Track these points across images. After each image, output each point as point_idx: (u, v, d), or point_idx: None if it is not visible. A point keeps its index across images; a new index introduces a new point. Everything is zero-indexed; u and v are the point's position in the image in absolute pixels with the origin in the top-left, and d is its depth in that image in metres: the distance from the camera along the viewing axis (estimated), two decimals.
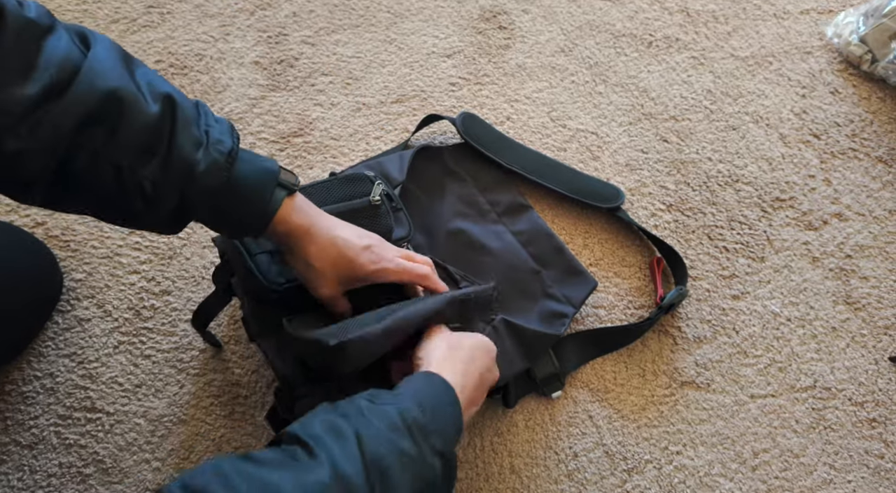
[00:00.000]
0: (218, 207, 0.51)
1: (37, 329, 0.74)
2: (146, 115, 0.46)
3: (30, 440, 0.69)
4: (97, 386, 0.72)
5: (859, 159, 0.89)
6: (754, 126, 0.91)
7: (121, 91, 0.45)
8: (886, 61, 0.90)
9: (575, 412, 0.73)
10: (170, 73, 0.90)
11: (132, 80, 0.46)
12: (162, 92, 0.47)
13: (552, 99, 0.92)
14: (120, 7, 0.95)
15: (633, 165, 0.88)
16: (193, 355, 0.74)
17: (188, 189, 0.48)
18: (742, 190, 0.86)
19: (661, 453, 0.71)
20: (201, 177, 0.48)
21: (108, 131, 0.45)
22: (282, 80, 0.91)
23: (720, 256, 0.82)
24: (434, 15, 0.98)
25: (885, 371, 0.77)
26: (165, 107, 0.47)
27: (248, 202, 0.52)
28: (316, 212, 0.57)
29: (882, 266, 0.83)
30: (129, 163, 0.46)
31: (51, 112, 0.42)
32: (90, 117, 0.44)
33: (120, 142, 0.45)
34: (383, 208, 0.67)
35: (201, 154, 0.48)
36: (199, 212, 0.51)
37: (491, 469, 0.70)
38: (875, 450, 0.73)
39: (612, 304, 0.79)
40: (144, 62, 0.90)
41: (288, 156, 0.86)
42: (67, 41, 0.44)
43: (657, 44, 0.97)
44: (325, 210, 0.59)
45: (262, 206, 0.52)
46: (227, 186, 0.50)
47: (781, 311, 0.79)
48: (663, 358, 0.76)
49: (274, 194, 0.52)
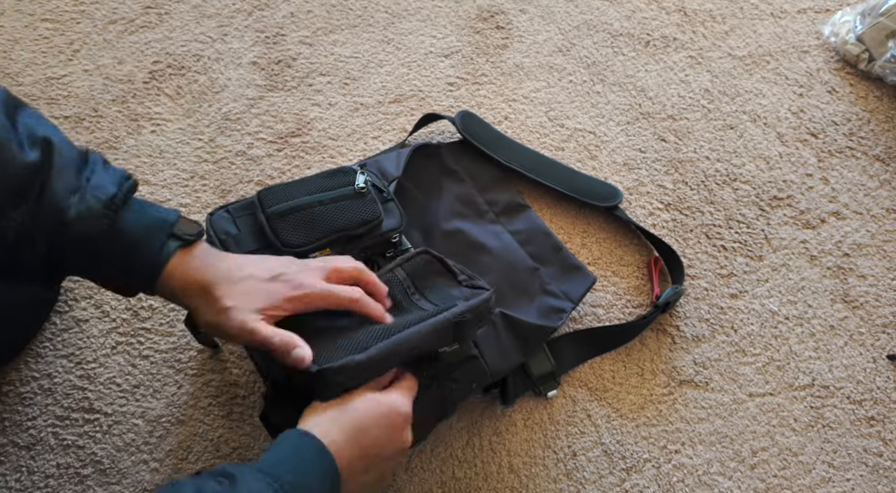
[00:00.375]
0: (96, 256, 0.48)
1: (34, 330, 0.73)
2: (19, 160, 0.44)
3: (27, 441, 0.69)
4: (95, 387, 0.72)
5: (857, 158, 0.89)
6: (752, 125, 0.91)
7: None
8: (883, 60, 0.91)
9: (574, 411, 0.73)
10: (167, 73, 0.90)
11: (11, 127, 0.44)
12: (41, 136, 0.46)
13: (550, 98, 0.92)
14: (118, 8, 0.95)
15: (631, 165, 0.88)
16: (191, 355, 0.74)
17: (58, 237, 0.46)
18: (740, 189, 0.87)
19: (659, 451, 0.71)
20: (73, 223, 0.46)
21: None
22: (279, 80, 0.91)
23: (718, 254, 0.82)
24: (432, 15, 0.98)
25: (882, 369, 0.77)
26: (44, 152, 0.45)
27: (131, 252, 0.49)
28: (217, 259, 0.53)
29: (880, 264, 0.83)
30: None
31: None
32: None
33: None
34: (369, 196, 0.66)
35: (74, 200, 0.46)
36: (73, 261, 0.48)
37: (490, 469, 0.70)
38: (873, 448, 0.73)
39: (610, 303, 0.79)
40: (142, 64, 0.90)
41: (286, 156, 0.86)
42: None
43: (655, 43, 0.97)
44: (306, 200, 0.57)
45: (150, 258, 0.49)
46: (107, 234, 0.47)
47: (780, 309, 0.79)
48: (662, 357, 0.76)
49: (165, 246, 0.49)
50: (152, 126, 0.87)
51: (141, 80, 0.90)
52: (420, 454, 0.70)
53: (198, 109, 0.88)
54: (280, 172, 0.85)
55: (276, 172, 0.84)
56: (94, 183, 0.47)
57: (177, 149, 0.85)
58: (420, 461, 0.69)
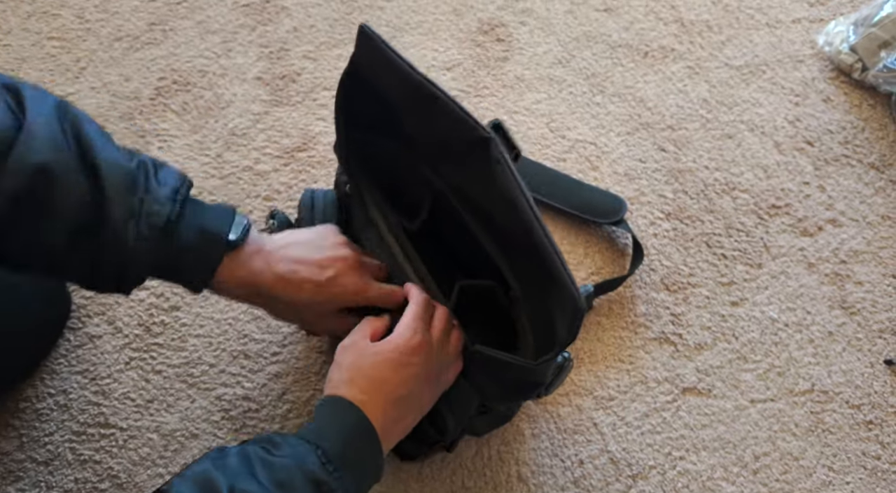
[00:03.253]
0: (158, 269, 0.50)
1: (49, 347, 0.75)
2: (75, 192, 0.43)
3: (45, 457, 0.70)
4: (110, 402, 0.73)
5: (852, 166, 0.91)
6: (749, 134, 0.93)
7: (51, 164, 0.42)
8: (876, 70, 0.92)
9: (580, 419, 0.74)
10: (173, 89, 0.91)
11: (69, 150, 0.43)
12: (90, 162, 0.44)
13: (551, 110, 0.94)
14: (122, 25, 0.96)
15: (631, 175, 0.89)
16: (203, 369, 0.75)
17: (122, 267, 0.47)
18: (739, 198, 0.88)
19: (664, 458, 0.73)
20: (132, 251, 0.46)
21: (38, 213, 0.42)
22: (284, 95, 0.92)
23: (719, 263, 0.84)
24: (433, 28, 0.99)
25: (880, 374, 0.79)
26: (91, 178, 0.44)
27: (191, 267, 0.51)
28: (262, 257, 0.54)
29: (876, 271, 0.85)
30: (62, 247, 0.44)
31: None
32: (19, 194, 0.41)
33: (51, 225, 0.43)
34: None
35: (131, 228, 0.46)
36: (137, 277, 0.50)
37: (499, 478, 0.71)
38: (872, 451, 0.75)
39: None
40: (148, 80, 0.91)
41: (292, 170, 0.87)
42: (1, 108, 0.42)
43: (653, 54, 0.99)
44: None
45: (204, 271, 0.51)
46: (165, 253, 0.48)
47: (779, 316, 0.81)
48: (665, 365, 0.78)
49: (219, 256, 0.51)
50: (159, 142, 0.88)
51: (147, 96, 0.91)
52: (431, 464, 0.71)
53: (204, 125, 0.89)
54: (287, 187, 0.86)
55: (283, 186, 0.86)
56: (148, 207, 0.46)
57: (184, 165, 0.87)
58: (431, 470, 0.71)
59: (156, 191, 0.47)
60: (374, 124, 0.59)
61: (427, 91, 0.50)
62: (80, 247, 0.45)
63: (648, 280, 0.82)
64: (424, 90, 0.50)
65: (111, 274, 0.47)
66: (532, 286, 0.55)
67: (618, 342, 0.79)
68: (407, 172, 0.61)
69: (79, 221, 0.44)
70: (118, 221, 0.45)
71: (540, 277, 0.49)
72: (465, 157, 0.51)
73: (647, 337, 0.79)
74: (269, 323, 0.77)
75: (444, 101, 0.50)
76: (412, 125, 0.56)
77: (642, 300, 0.81)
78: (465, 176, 0.55)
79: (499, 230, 0.55)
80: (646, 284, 0.82)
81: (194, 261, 0.50)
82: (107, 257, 0.46)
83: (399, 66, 0.51)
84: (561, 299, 0.48)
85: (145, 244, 0.47)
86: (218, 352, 0.76)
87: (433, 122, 0.52)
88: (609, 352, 0.78)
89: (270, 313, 0.60)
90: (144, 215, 0.46)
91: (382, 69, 0.53)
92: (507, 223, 0.52)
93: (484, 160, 0.49)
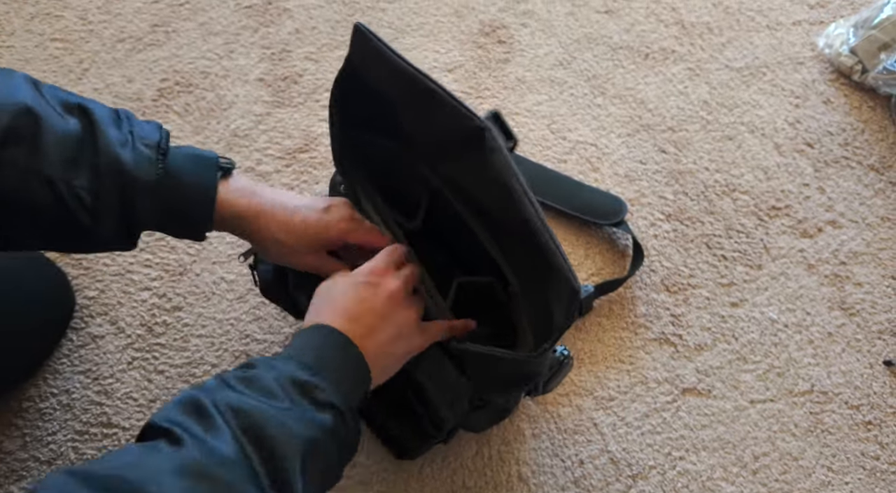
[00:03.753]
0: (163, 202, 0.51)
1: (52, 347, 0.75)
2: (63, 127, 0.46)
3: (48, 456, 0.70)
4: (112, 402, 0.73)
5: (852, 167, 0.92)
6: (750, 136, 0.93)
7: (33, 108, 0.45)
8: (876, 72, 0.93)
9: (580, 420, 0.75)
10: (176, 91, 0.92)
11: (41, 98, 0.47)
12: (74, 103, 0.48)
13: (552, 111, 0.94)
14: (125, 26, 0.96)
15: (632, 176, 0.90)
16: (205, 369, 0.75)
17: (126, 191, 0.49)
18: (739, 199, 0.89)
19: (664, 458, 0.73)
20: (132, 172, 0.48)
21: (28, 147, 0.45)
22: (286, 96, 0.93)
23: (719, 264, 0.84)
24: (435, 30, 0.99)
25: (879, 375, 0.79)
26: (81, 117, 0.48)
27: (191, 189, 0.52)
28: (259, 187, 0.56)
29: (875, 272, 0.85)
30: (59, 175, 0.46)
31: None
32: (7, 135, 0.44)
33: (43, 156, 0.45)
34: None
35: (129, 152, 0.48)
36: (145, 214, 0.51)
37: (499, 478, 0.71)
38: (871, 452, 0.75)
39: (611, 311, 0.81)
40: (150, 81, 0.91)
41: (294, 171, 0.87)
42: None
43: (654, 56, 0.99)
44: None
45: (205, 192, 0.52)
46: (164, 177, 0.50)
47: (779, 317, 0.81)
48: (665, 366, 0.78)
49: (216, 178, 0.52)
50: None
51: (150, 97, 0.91)
52: (431, 464, 0.72)
53: (206, 126, 0.90)
54: (289, 188, 0.86)
55: (284, 187, 0.86)
56: (138, 133, 0.49)
57: None
58: (431, 470, 0.71)
59: (140, 125, 0.51)
60: (373, 123, 0.60)
61: (423, 86, 0.51)
62: (75, 179, 0.46)
63: (649, 281, 0.83)
64: (421, 85, 0.51)
65: (113, 206, 0.48)
66: (530, 279, 0.55)
67: (618, 343, 0.79)
68: (405, 172, 0.61)
69: (70, 154, 0.46)
70: (113, 144, 0.48)
71: (537, 267, 0.49)
72: (461, 149, 0.52)
73: (648, 338, 0.79)
74: (270, 324, 0.77)
75: (441, 95, 0.50)
76: (410, 122, 0.57)
77: (642, 301, 0.81)
78: (462, 168, 0.55)
79: (495, 222, 0.56)
80: (646, 285, 0.83)
81: (192, 182, 0.51)
82: (106, 185, 0.47)
83: (395, 64, 0.51)
84: (558, 288, 0.48)
85: (143, 167, 0.48)
86: (220, 352, 0.76)
87: (430, 116, 0.52)
88: (609, 352, 0.78)
89: (258, 245, 0.58)
90: (137, 140, 0.49)
91: (379, 67, 0.53)
92: (503, 213, 0.52)
93: (479, 150, 0.49)
